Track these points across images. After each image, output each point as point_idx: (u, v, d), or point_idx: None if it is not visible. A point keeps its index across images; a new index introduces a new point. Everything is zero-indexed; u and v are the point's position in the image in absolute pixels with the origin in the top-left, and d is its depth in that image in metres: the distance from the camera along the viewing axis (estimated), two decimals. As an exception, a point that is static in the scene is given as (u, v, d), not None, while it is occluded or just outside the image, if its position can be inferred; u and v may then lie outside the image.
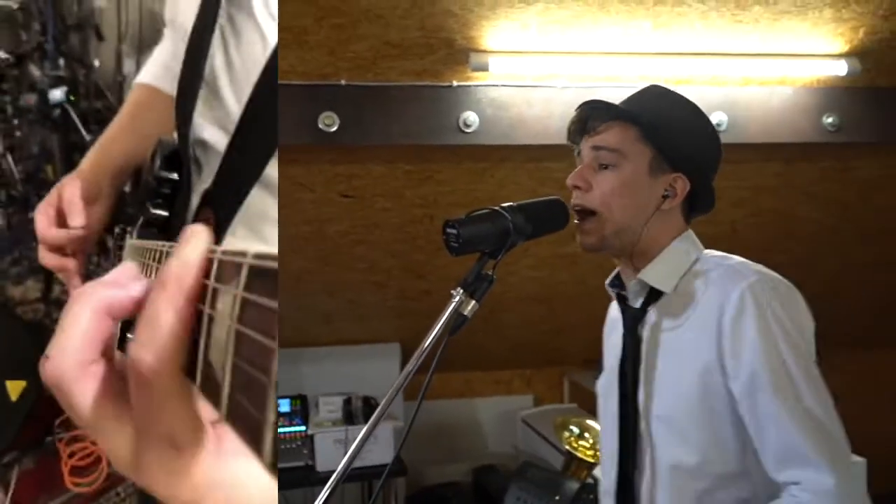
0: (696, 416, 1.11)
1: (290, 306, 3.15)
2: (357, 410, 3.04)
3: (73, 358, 0.54)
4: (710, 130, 1.24)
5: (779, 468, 1.05)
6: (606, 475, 1.28)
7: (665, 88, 1.27)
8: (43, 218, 1.29)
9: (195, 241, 0.53)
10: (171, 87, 1.34)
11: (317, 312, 3.27)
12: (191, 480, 0.52)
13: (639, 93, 1.27)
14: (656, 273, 1.18)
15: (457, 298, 1.03)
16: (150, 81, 1.42)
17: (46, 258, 1.30)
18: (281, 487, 2.79)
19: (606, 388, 1.30)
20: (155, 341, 0.49)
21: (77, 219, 1.27)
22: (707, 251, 1.23)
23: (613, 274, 1.30)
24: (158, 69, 1.41)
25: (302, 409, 3.09)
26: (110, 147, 1.38)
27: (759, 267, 1.13)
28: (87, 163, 1.36)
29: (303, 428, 3.02)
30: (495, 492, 3.26)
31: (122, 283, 0.58)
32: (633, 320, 1.22)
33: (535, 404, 3.86)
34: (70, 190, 1.29)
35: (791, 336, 1.06)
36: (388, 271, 3.06)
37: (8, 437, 2.71)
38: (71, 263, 1.31)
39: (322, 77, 2.29)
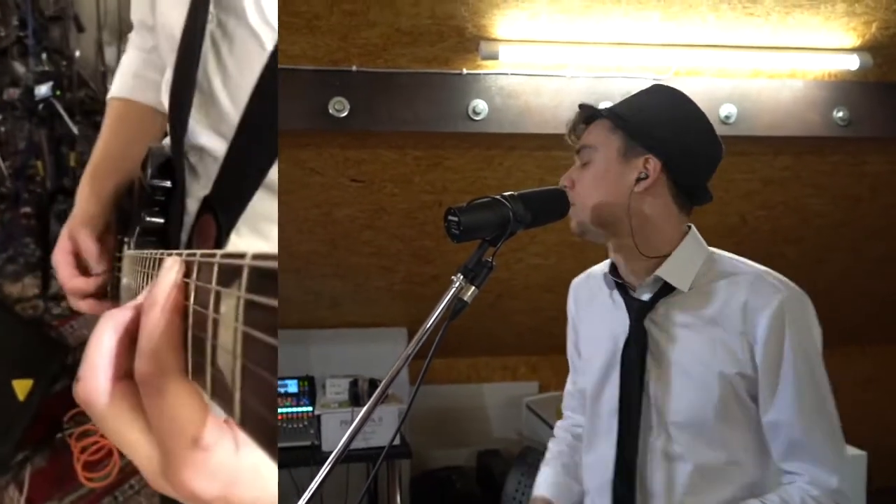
0: (716, 414, 1.18)
1: (299, 288, 3.18)
2: (363, 392, 3.08)
3: (100, 378, 0.57)
4: (697, 120, 1.27)
5: (789, 459, 1.17)
6: (598, 457, 1.32)
7: (663, 86, 1.33)
8: (65, 269, 1.29)
9: (176, 267, 0.58)
10: (145, 97, 1.35)
11: (325, 295, 3.30)
12: (219, 476, 0.54)
13: (639, 91, 1.32)
14: (672, 271, 1.23)
15: (457, 284, 1.05)
16: (124, 95, 1.39)
17: (80, 305, 1.30)
18: (287, 466, 2.83)
19: (603, 372, 1.33)
20: (154, 351, 0.54)
21: (100, 265, 1.29)
22: (714, 250, 1.27)
23: (609, 264, 1.34)
24: (129, 80, 1.38)
25: (309, 389, 3.13)
26: (101, 173, 1.36)
27: (782, 277, 1.22)
28: (85, 196, 1.34)
29: (309, 408, 3.06)
30: (498, 476, 3.29)
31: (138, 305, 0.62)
32: (640, 311, 1.25)
33: (540, 391, 3.88)
34: (84, 238, 1.29)
35: (816, 347, 1.19)
36: (395, 256, 3.08)
37: (15, 437, 2.71)
38: (106, 305, 1.31)
39: (333, 63, 2.31)
